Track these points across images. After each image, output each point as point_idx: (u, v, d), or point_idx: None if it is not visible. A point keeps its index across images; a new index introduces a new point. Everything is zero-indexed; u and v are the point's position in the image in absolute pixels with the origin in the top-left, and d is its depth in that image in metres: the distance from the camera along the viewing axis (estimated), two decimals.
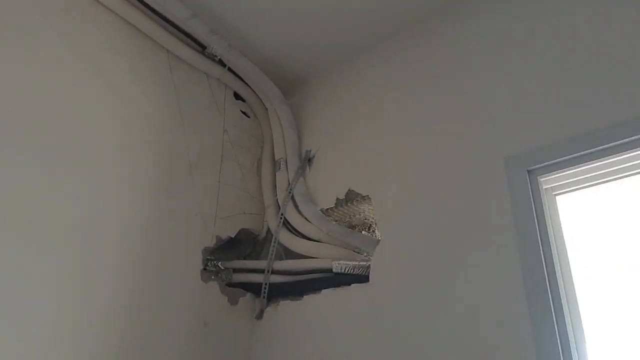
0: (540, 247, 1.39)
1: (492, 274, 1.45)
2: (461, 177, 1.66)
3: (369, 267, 1.78)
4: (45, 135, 1.56)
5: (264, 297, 2.01)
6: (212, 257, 2.03)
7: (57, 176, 1.56)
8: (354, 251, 1.90)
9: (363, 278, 1.77)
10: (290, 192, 2.15)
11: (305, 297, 1.92)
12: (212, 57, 2.23)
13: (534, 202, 1.46)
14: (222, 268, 2.05)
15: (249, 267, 2.10)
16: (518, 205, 1.48)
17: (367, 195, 1.93)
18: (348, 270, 1.81)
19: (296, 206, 2.12)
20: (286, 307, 1.97)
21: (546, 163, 1.48)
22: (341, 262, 1.83)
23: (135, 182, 1.80)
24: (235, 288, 2.05)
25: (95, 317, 1.53)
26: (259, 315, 2.04)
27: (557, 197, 1.53)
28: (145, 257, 1.74)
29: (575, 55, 1.57)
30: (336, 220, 2.09)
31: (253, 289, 2.07)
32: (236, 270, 2.08)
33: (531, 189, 1.48)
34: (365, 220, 2.18)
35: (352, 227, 2.15)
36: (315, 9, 2.10)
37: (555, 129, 1.51)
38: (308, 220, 2.04)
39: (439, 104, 1.86)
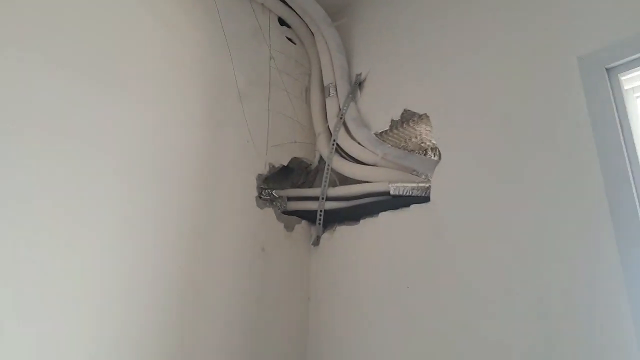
0: (627, 160, 1.26)
1: (568, 191, 1.34)
2: (528, 84, 1.52)
3: (428, 188, 1.71)
4: (93, 68, 1.52)
5: (319, 223, 1.99)
6: (266, 186, 2.02)
7: (107, 107, 1.53)
8: (412, 174, 1.83)
9: (423, 198, 1.71)
10: (341, 118, 2.08)
11: (362, 221, 1.89)
12: None
13: (615, 105, 1.32)
14: (277, 196, 2.04)
15: (303, 195, 2.07)
16: (596, 110, 1.34)
17: (425, 114, 1.83)
18: (406, 192, 1.75)
19: (348, 131, 2.05)
20: (343, 232, 1.95)
21: (628, 59, 1.32)
22: (399, 184, 1.77)
23: (186, 112, 1.76)
24: (291, 215, 2.04)
25: (156, 241, 1.54)
26: (316, 242, 2.03)
27: None
28: (202, 185, 1.73)
29: None
30: (392, 145, 2.01)
31: (308, 216, 2.06)
32: (290, 199, 2.06)
33: (612, 90, 1.34)
34: (422, 144, 2.08)
35: (410, 151, 2.08)
36: None
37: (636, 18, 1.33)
38: (362, 145, 1.98)
39: (501, 10, 1.70)
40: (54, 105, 1.40)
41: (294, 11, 2.29)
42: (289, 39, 2.35)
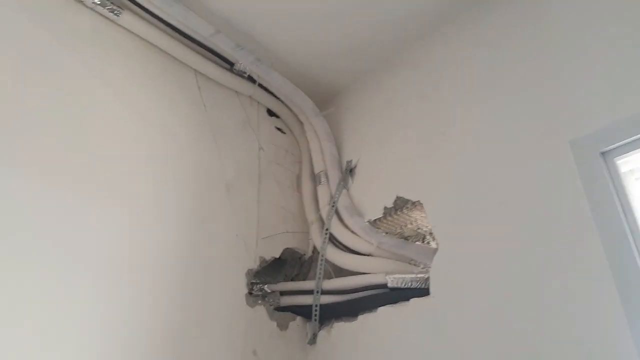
0: (631, 241, 1.19)
1: (573, 281, 1.26)
2: (522, 171, 1.48)
3: (427, 279, 1.61)
4: (74, 166, 1.50)
5: (315, 320, 1.87)
6: (258, 281, 1.92)
7: (89, 206, 1.49)
8: (409, 263, 1.74)
9: (422, 291, 1.60)
10: (333, 206, 2.02)
11: (360, 316, 1.77)
12: (241, 74, 2.15)
13: (615, 189, 1.27)
14: (269, 291, 1.93)
15: (297, 289, 1.97)
16: (595, 195, 1.28)
17: (418, 201, 1.77)
18: (405, 284, 1.65)
19: (341, 220, 1.98)
20: (340, 329, 1.82)
21: (624, 142, 1.28)
22: (396, 275, 1.67)
23: (171, 208, 1.71)
24: (285, 312, 1.92)
25: (138, 348, 1.43)
26: (312, 340, 1.89)
27: None
28: (186, 284, 1.64)
29: None
30: (386, 232, 1.94)
31: (303, 312, 1.94)
32: (284, 293, 1.96)
33: (609, 173, 1.29)
34: (419, 230, 2.02)
35: (405, 238, 2.00)
36: (344, 15, 1.98)
37: (632, 101, 1.31)
38: (355, 234, 1.90)
39: (491, 96, 1.69)
40: (33, 211, 1.35)
41: (282, 102, 2.32)
42: (278, 129, 2.36)
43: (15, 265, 1.27)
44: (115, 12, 1.77)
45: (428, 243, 1.98)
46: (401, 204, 1.85)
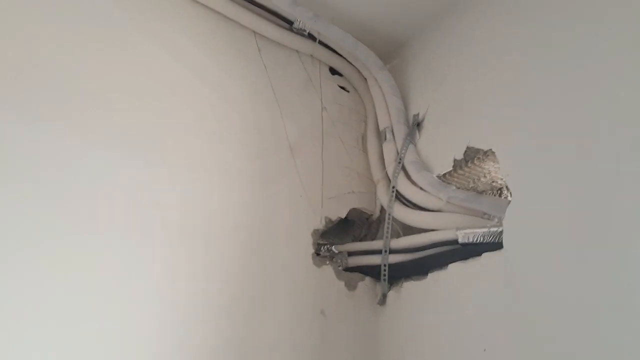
0: None
1: None
2: (606, 105, 1.28)
3: (501, 232, 1.48)
4: (133, 130, 1.54)
5: (384, 279, 1.80)
6: (325, 242, 1.89)
7: (155, 175, 1.53)
8: (482, 217, 1.61)
9: (495, 245, 1.48)
10: (400, 162, 1.92)
11: (430, 275, 1.68)
12: (301, 33, 2.09)
13: None
14: (336, 252, 1.90)
15: (365, 249, 1.91)
16: None
17: (490, 150, 1.63)
18: (477, 239, 1.52)
19: (408, 176, 1.88)
20: (410, 288, 1.74)
21: None
22: (467, 230, 1.55)
23: (233, 170, 1.71)
24: (353, 272, 1.88)
25: (203, 308, 1.46)
26: (382, 301, 1.83)
27: None
28: (251, 246, 1.64)
29: None
30: (458, 187, 1.81)
31: (372, 272, 1.88)
32: (351, 254, 1.91)
33: None
34: (494, 183, 1.87)
35: (480, 193, 1.86)
36: None
37: None
38: (424, 190, 1.79)
39: (573, 37, 1.48)
40: (96, 178, 1.41)
41: (345, 59, 2.23)
42: (342, 87, 2.28)
43: (77, 235, 1.33)
44: None
45: (505, 197, 1.83)
46: (472, 155, 1.70)
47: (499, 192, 1.88)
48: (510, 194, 1.50)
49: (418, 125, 2.02)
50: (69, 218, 1.31)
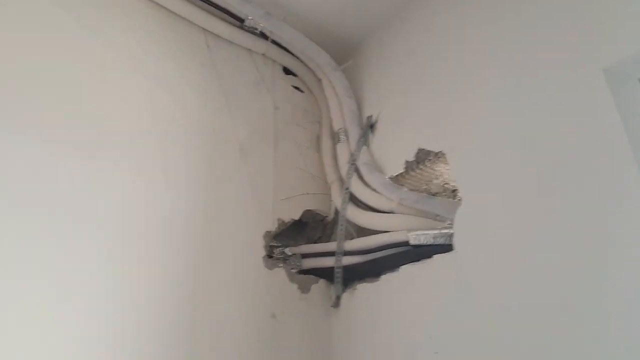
0: None
1: (609, 227, 1.11)
2: (552, 107, 1.31)
3: (452, 234, 1.50)
4: (77, 130, 1.46)
5: (338, 282, 1.79)
6: (278, 244, 1.86)
7: (98, 174, 1.46)
8: (434, 219, 1.62)
9: (446, 247, 1.49)
10: (353, 164, 1.92)
11: (383, 277, 1.68)
12: (252, 31, 2.05)
13: None
14: (290, 254, 1.87)
15: (318, 251, 1.90)
16: (633, 128, 1.12)
17: (441, 152, 1.64)
18: (428, 241, 1.54)
19: (361, 178, 1.88)
20: (363, 290, 1.73)
21: None
22: (418, 232, 1.57)
23: (181, 171, 1.65)
24: (307, 275, 1.85)
25: (152, 311, 1.40)
26: (336, 303, 1.82)
27: None
28: (200, 248, 1.59)
29: None
30: (411, 189, 1.82)
31: (326, 274, 1.86)
32: (305, 256, 1.89)
33: None
34: (446, 185, 1.88)
35: (432, 195, 1.88)
36: None
37: None
38: (376, 191, 1.79)
39: (517, 36, 1.50)
40: (35, 177, 1.33)
41: (298, 58, 2.21)
42: (296, 88, 2.25)
43: (19, 234, 1.25)
44: None
45: (459, 199, 1.85)
46: (423, 157, 1.72)
47: (452, 193, 1.90)
48: (461, 196, 1.52)
49: (371, 126, 2.03)
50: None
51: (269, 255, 1.78)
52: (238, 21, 2.01)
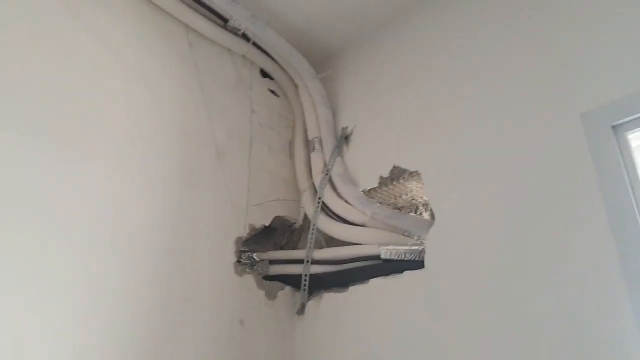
0: (639, 217, 1.14)
1: (575, 256, 1.21)
2: (527, 142, 1.41)
3: (422, 251, 1.56)
4: (54, 125, 1.40)
5: (304, 289, 1.82)
6: (246, 249, 1.86)
7: (70, 169, 1.40)
8: (403, 235, 1.69)
9: (417, 264, 1.55)
10: (327, 174, 1.95)
11: (351, 288, 1.72)
12: (235, 32, 2.03)
13: (624, 164, 1.21)
14: (258, 260, 1.87)
15: (287, 258, 1.91)
16: (603, 169, 1.22)
17: (416, 171, 1.71)
18: (399, 256, 1.60)
19: (335, 188, 1.91)
20: (330, 299, 1.77)
21: (636, 115, 1.22)
22: (390, 247, 1.62)
23: (157, 170, 1.62)
24: (273, 281, 1.87)
25: (121, 317, 1.37)
26: (300, 310, 1.85)
27: None
28: (172, 250, 1.57)
29: None
30: (380, 203, 1.87)
31: (292, 281, 1.89)
32: (273, 262, 1.90)
33: (619, 148, 1.23)
34: (413, 201, 1.95)
35: (398, 209, 1.94)
36: None
37: None
38: (349, 203, 1.83)
39: (498, 64, 1.60)
40: (11, 174, 1.26)
41: (277, 63, 2.21)
42: (272, 91, 2.25)
43: None
44: None
45: (421, 214, 1.93)
46: (398, 174, 1.78)
47: (416, 209, 1.97)
48: (433, 215, 1.59)
49: (346, 138, 2.06)
50: None
51: (238, 261, 1.78)
52: (222, 20, 1.99)
